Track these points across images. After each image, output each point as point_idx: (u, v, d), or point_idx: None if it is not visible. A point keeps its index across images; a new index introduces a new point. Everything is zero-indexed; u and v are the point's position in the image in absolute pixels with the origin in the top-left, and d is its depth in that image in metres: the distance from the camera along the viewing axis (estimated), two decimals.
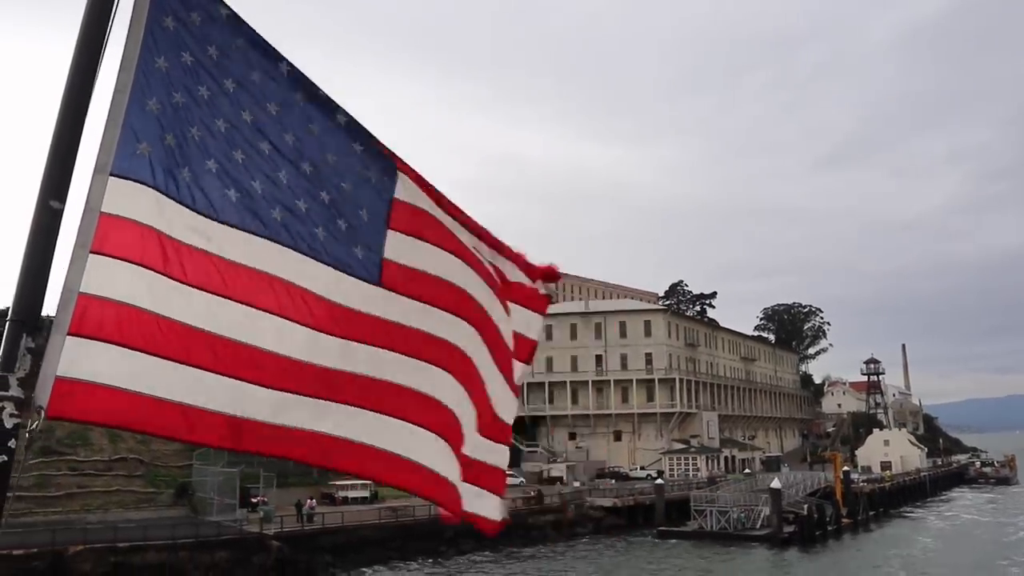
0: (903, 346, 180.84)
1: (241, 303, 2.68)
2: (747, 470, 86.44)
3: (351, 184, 3.01)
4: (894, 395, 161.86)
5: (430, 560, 50.22)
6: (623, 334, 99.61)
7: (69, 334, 2.39)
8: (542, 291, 3.59)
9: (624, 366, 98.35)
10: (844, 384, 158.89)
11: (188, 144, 2.68)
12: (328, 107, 2.98)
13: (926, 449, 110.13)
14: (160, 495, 53.50)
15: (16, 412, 2.28)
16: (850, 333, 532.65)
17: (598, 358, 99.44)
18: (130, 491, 52.69)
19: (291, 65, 2.92)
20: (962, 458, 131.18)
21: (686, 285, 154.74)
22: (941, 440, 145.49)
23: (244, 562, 43.39)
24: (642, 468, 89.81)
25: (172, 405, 2.52)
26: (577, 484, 76.64)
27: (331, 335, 2.85)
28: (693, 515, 60.57)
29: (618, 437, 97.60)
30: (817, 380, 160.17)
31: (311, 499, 52.72)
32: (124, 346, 2.46)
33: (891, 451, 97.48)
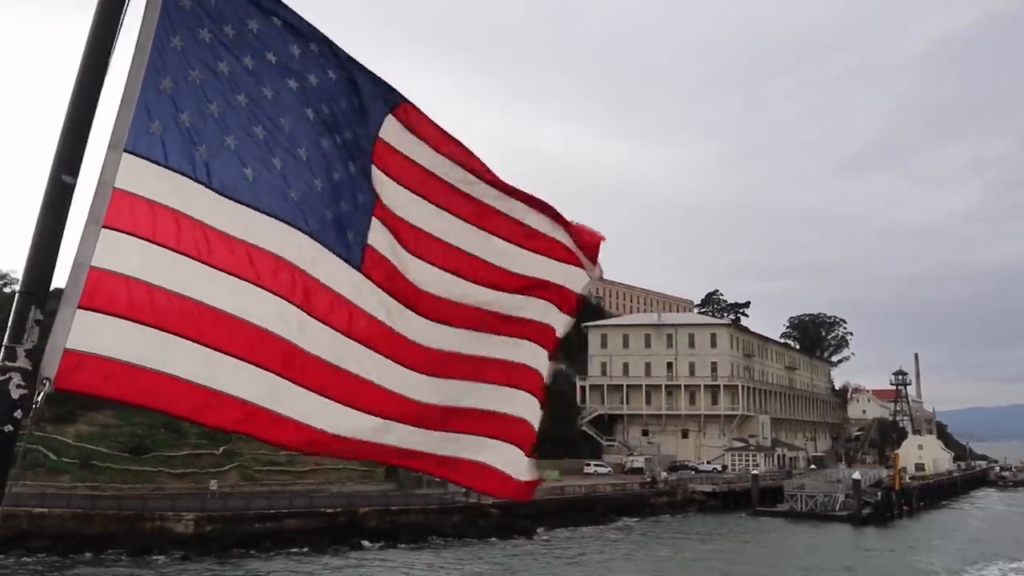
0: (915, 355, 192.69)
1: (254, 284, 2.69)
2: (812, 466, 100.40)
3: (358, 165, 3.03)
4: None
5: (593, 527, 63.98)
6: (691, 344, 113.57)
7: (79, 307, 2.40)
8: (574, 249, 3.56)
9: (692, 373, 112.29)
10: (868, 392, 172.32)
11: (206, 121, 2.68)
12: (349, 85, 3.01)
13: (953, 453, 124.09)
14: (374, 472, 66.99)
15: (23, 383, 2.28)
16: (864, 337, 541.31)
17: (669, 365, 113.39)
18: (352, 468, 66.25)
19: (312, 39, 2.92)
20: (983, 463, 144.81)
21: (721, 295, 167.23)
22: (968, 448, 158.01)
23: (472, 524, 56.92)
24: (708, 463, 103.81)
25: (182, 383, 2.53)
26: (665, 475, 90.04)
27: (336, 330, 2.86)
28: (786, 498, 74.57)
29: (685, 435, 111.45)
30: (837, 386, 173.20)
31: None
32: (135, 321, 2.47)
33: (924, 455, 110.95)
